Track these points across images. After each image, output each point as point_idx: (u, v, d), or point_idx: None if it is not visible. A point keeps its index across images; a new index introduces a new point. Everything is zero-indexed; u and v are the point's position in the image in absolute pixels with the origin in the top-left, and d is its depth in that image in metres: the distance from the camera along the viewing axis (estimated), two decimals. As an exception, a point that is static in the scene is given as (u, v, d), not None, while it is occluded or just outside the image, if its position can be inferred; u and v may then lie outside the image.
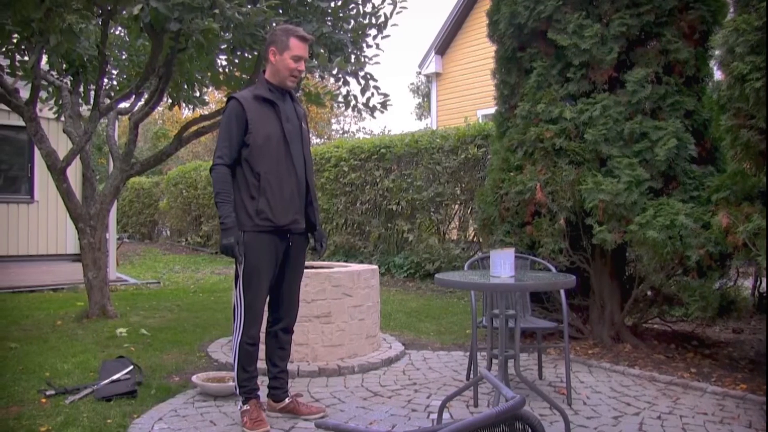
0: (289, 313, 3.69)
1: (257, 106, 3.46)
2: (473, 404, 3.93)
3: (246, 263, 3.43)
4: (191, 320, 6.61)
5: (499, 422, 1.42)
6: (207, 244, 16.16)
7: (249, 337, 3.48)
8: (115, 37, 7.58)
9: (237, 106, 3.44)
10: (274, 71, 3.52)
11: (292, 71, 3.51)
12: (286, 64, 3.48)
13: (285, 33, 3.50)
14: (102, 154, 15.76)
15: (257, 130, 3.42)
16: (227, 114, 3.47)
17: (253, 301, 3.47)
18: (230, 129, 3.42)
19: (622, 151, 4.95)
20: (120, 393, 3.98)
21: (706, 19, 5.03)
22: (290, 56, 3.47)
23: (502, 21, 5.58)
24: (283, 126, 3.49)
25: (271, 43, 3.52)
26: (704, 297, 4.71)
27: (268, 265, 3.48)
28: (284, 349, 3.70)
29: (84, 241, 6.60)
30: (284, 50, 3.47)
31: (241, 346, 3.48)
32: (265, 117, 3.46)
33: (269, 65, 3.54)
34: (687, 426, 3.59)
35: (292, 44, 3.47)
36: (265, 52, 3.55)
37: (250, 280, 3.45)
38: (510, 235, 5.50)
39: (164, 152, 7.17)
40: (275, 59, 3.50)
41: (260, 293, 3.49)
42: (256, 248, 3.43)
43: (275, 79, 3.54)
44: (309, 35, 3.60)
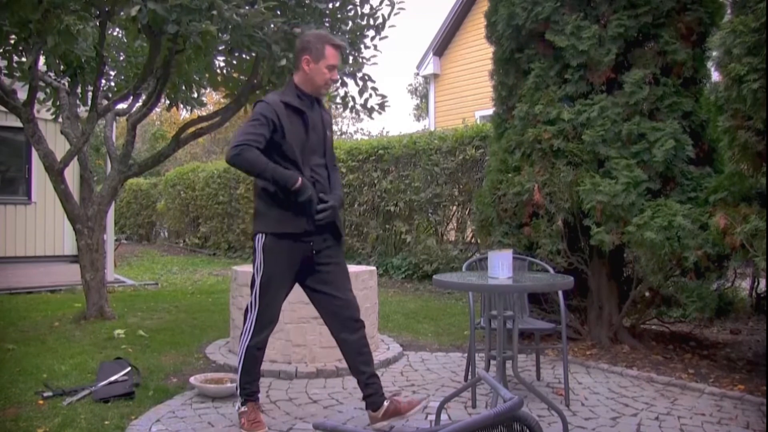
0: (351, 307, 3.50)
1: (286, 112, 3.34)
2: (471, 405, 3.93)
3: (264, 268, 3.35)
4: (189, 321, 6.61)
5: (497, 423, 1.42)
6: (205, 245, 16.15)
7: (258, 342, 3.42)
8: (113, 38, 7.58)
9: (268, 109, 3.31)
10: (307, 79, 3.40)
11: (327, 81, 3.42)
12: (322, 74, 3.38)
13: (320, 40, 3.37)
14: (100, 156, 15.74)
15: (287, 135, 3.31)
16: (258, 113, 3.30)
17: (268, 308, 3.40)
18: (261, 124, 3.26)
19: (620, 152, 4.95)
20: (118, 394, 3.98)
21: (704, 20, 5.04)
22: (326, 65, 3.36)
23: (500, 22, 5.59)
24: (308, 135, 3.40)
25: (304, 50, 3.38)
26: (702, 298, 4.71)
27: (287, 271, 3.40)
28: (363, 353, 3.51)
29: (82, 243, 6.59)
30: (320, 59, 3.35)
31: (249, 349, 3.43)
32: (292, 124, 3.35)
33: (301, 72, 3.41)
34: (685, 427, 3.59)
35: (328, 53, 3.36)
36: (297, 59, 3.43)
37: (269, 285, 3.38)
38: (508, 236, 5.50)
39: (162, 153, 7.16)
40: (309, 68, 3.37)
41: (276, 299, 3.42)
42: (276, 253, 3.35)
43: (307, 87, 3.42)
44: (342, 42, 3.51)
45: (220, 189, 15.18)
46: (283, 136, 3.30)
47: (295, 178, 3.23)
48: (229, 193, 14.87)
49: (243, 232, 14.47)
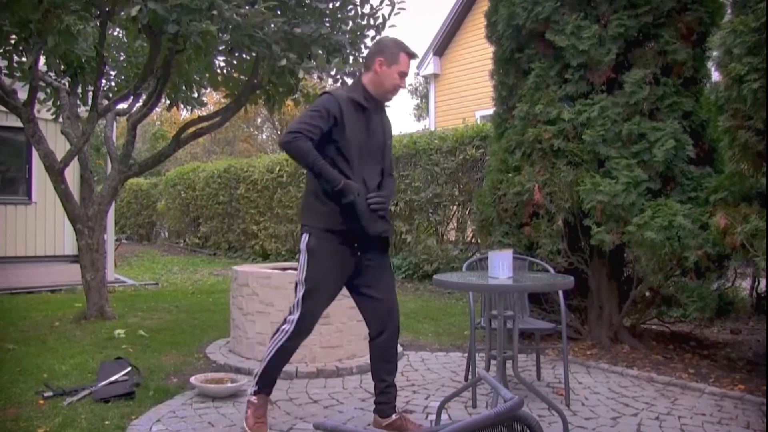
0: (391, 317, 3.44)
1: (351, 109, 3.30)
2: (472, 405, 3.93)
3: (309, 269, 3.29)
4: (189, 321, 6.61)
5: (497, 423, 1.42)
6: (205, 245, 16.15)
7: (293, 344, 3.35)
8: (113, 38, 7.58)
9: (332, 103, 3.26)
10: (377, 81, 3.37)
11: (396, 87, 3.39)
12: (393, 79, 3.35)
13: (396, 46, 3.36)
14: (100, 156, 15.74)
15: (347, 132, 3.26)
16: (321, 105, 3.26)
17: (310, 312, 3.32)
18: (320, 117, 3.21)
19: (620, 152, 4.95)
20: (118, 394, 3.98)
21: (704, 20, 5.04)
22: (398, 71, 3.35)
23: (501, 22, 5.59)
24: (369, 137, 3.35)
25: (379, 52, 3.36)
26: (702, 298, 4.71)
27: (333, 273, 3.33)
28: (390, 362, 3.47)
29: (82, 243, 6.59)
30: (393, 64, 3.33)
31: (283, 349, 3.35)
32: (354, 123, 3.30)
33: (371, 73, 3.38)
34: (685, 427, 3.59)
35: (402, 59, 3.35)
36: (370, 59, 3.39)
37: (312, 288, 3.30)
38: (508, 236, 5.50)
39: (162, 153, 7.16)
40: (381, 70, 3.34)
41: (320, 305, 3.35)
42: (322, 252, 3.28)
43: (374, 89, 3.39)
44: (416, 53, 3.47)
45: (220, 189, 15.17)
46: (343, 132, 3.25)
47: (339, 179, 3.17)
48: (230, 193, 14.87)
49: (243, 232, 14.48)
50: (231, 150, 28.60)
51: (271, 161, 13.83)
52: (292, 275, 4.79)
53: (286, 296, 4.72)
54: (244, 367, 4.65)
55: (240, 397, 4.06)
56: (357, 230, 3.28)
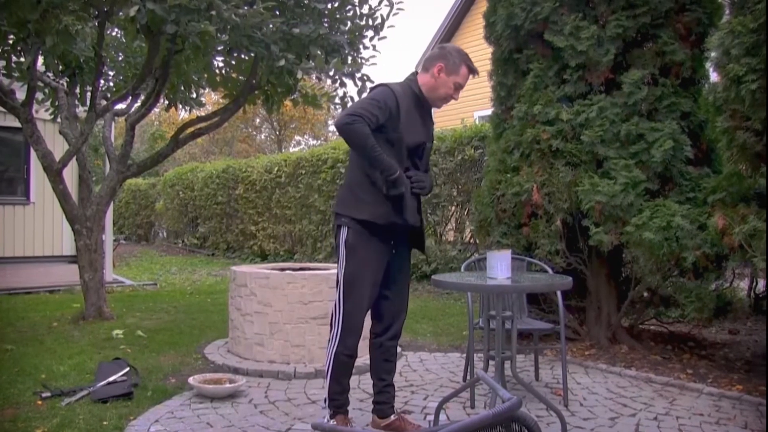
0: (398, 317, 3.44)
1: (407, 103, 3.26)
2: (470, 406, 3.93)
3: (348, 265, 3.22)
4: (188, 322, 6.60)
5: (495, 424, 1.42)
6: (204, 245, 16.14)
7: (346, 347, 3.25)
8: (112, 38, 7.57)
9: (390, 96, 3.20)
10: (431, 86, 3.33)
11: (448, 97, 3.36)
12: (447, 88, 3.32)
13: (459, 56, 3.32)
14: (98, 156, 15.72)
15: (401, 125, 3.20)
16: (380, 96, 3.20)
17: (354, 310, 3.24)
18: (378, 107, 3.14)
19: (618, 152, 4.95)
20: (116, 395, 3.97)
21: (702, 20, 5.04)
22: (454, 82, 3.31)
23: (499, 22, 5.59)
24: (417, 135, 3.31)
25: (441, 57, 3.31)
26: (700, 298, 4.72)
27: (374, 269, 3.26)
28: (390, 361, 3.46)
29: (80, 243, 6.59)
30: (452, 73, 3.30)
31: (337, 356, 3.25)
32: (408, 117, 3.25)
33: (429, 77, 3.33)
34: (683, 427, 3.60)
35: (462, 72, 3.31)
36: (430, 62, 3.34)
37: (352, 284, 3.23)
38: (507, 237, 5.50)
39: (161, 154, 7.16)
40: (439, 76, 3.30)
41: (362, 301, 3.26)
42: (361, 247, 3.22)
43: (427, 92, 3.35)
44: (477, 69, 3.42)
45: (218, 189, 15.17)
46: (397, 125, 3.20)
47: (395, 168, 3.10)
48: (228, 193, 14.86)
49: (242, 233, 14.48)
50: (229, 150, 28.62)
51: (269, 162, 13.83)
52: (290, 276, 4.81)
53: (285, 297, 4.74)
54: (242, 368, 4.65)
55: (238, 398, 4.06)
56: (399, 224, 3.25)
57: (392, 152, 3.18)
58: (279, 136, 29.52)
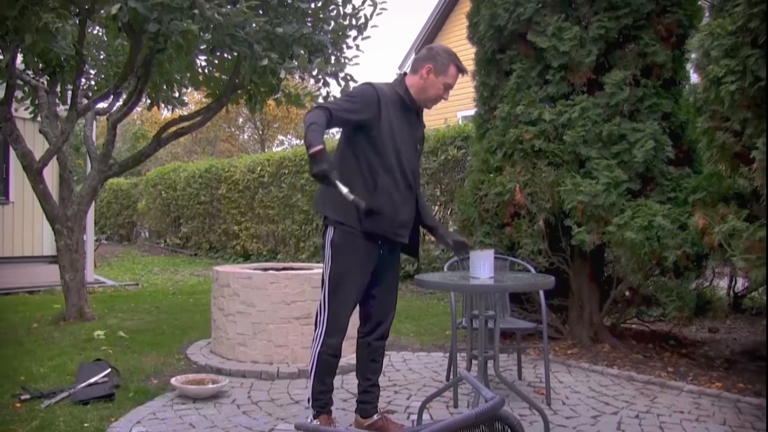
0: (387, 317, 3.42)
1: (390, 102, 3.21)
2: (453, 405, 3.94)
3: (334, 265, 3.18)
4: (170, 322, 6.56)
5: (478, 423, 1.42)
6: (186, 245, 16.05)
7: (330, 347, 3.21)
8: (93, 36, 7.50)
9: (372, 93, 3.16)
10: (420, 87, 3.29)
11: (438, 98, 3.32)
12: (437, 89, 3.28)
13: (448, 57, 3.28)
14: (80, 155, 15.59)
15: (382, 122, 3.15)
16: (357, 93, 3.20)
17: (339, 309, 3.20)
18: (352, 103, 3.13)
19: (600, 152, 4.99)
20: (97, 396, 3.94)
21: (683, 22, 5.09)
22: (444, 82, 3.27)
23: (482, 23, 5.60)
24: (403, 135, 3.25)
25: (430, 59, 3.27)
26: (681, 297, 4.77)
27: (360, 268, 3.21)
28: (377, 361, 3.44)
29: (61, 243, 6.52)
30: (440, 74, 3.26)
31: (321, 356, 3.21)
32: (391, 116, 3.20)
33: (417, 78, 3.29)
34: (664, 424, 3.63)
35: (451, 72, 3.27)
36: (418, 63, 3.31)
37: (338, 284, 3.19)
38: (489, 236, 5.52)
39: (143, 153, 7.11)
40: (427, 77, 3.26)
41: (348, 301, 3.22)
42: (347, 246, 3.16)
43: (416, 94, 3.31)
44: (465, 68, 3.38)
45: (201, 189, 15.09)
46: (378, 123, 3.15)
47: (318, 142, 2.86)
48: (211, 193, 14.79)
49: (224, 233, 14.41)
50: (212, 150, 28.45)
51: (252, 161, 13.78)
52: (273, 276, 4.79)
53: (268, 297, 4.72)
54: (225, 368, 4.62)
55: (221, 398, 4.04)
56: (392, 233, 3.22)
57: (376, 152, 3.16)
58: (262, 135, 29.40)
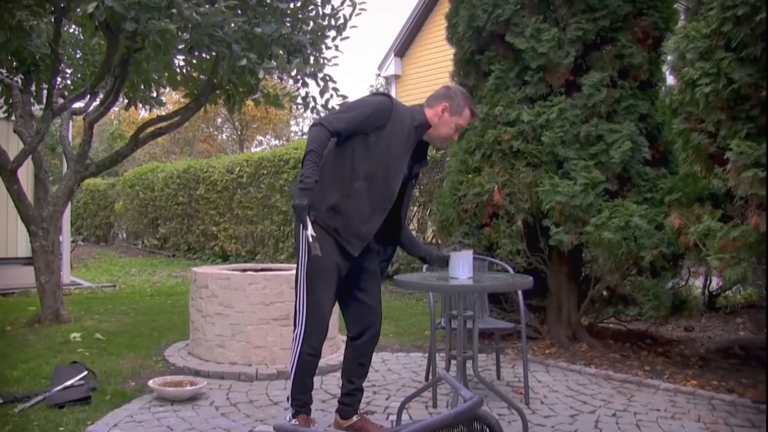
0: (375, 322, 3.44)
1: (401, 121, 3.21)
2: (432, 405, 3.95)
3: (310, 260, 3.11)
4: (148, 324, 6.50)
5: (457, 423, 1.43)
6: (164, 246, 15.92)
7: (311, 347, 3.18)
8: (69, 35, 7.42)
9: (388, 106, 3.18)
10: (435, 125, 3.32)
11: (448, 137, 3.39)
12: (449, 129, 3.33)
13: (464, 99, 3.34)
14: (55, 155, 15.39)
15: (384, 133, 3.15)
16: (369, 100, 3.23)
17: (317, 306, 3.17)
18: (361, 112, 3.14)
19: (578, 153, 5.02)
20: (73, 399, 3.89)
21: (659, 25, 5.15)
22: (456, 123, 3.32)
23: (461, 24, 5.62)
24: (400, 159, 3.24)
25: (447, 98, 3.33)
26: (657, 296, 4.82)
27: (334, 267, 3.19)
28: (364, 365, 3.45)
29: (36, 244, 6.44)
30: (455, 114, 3.31)
31: (301, 356, 3.17)
32: (398, 134, 3.19)
33: (432, 113, 3.32)
34: (641, 422, 3.66)
35: (465, 114, 3.33)
36: (435, 101, 3.34)
37: (315, 279, 3.15)
38: (468, 237, 5.54)
39: (120, 153, 7.04)
40: (443, 116, 3.31)
41: (327, 297, 3.20)
42: (324, 242, 3.09)
43: (431, 131, 3.35)
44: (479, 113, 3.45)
45: (179, 189, 14.97)
46: (378, 135, 3.14)
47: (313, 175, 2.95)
48: (189, 193, 14.68)
49: (203, 233, 14.31)
50: (190, 150, 28.25)
51: (231, 162, 13.70)
52: (252, 276, 4.77)
53: (246, 298, 4.70)
54: (203, 370, 4.59)
55: (199, 400, 4.01)
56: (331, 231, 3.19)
57: (364, 157, 3.14)
58: (241, 136, 29.27)
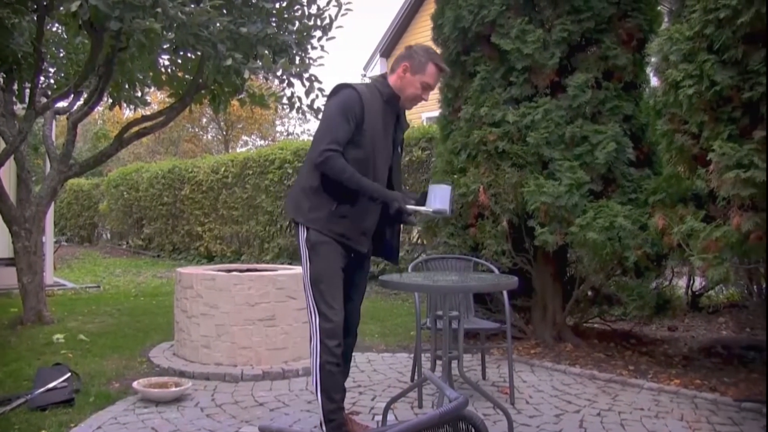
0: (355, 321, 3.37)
1: (371, 101, 3.10)
2: (418, 405, 3.95)
3: (313, 263, 3.06)
4: (132, 325, 6.46)
5: (443, 423, 1.43)
6: (149, 247, 15.82)
7: (332, 354, 3.02)
8: (53, 33, 7.35)
9: (357, 99, 3.06)
10: (398, 87, 3.20)
11: (416, 97, 3.22)
12: (415, 88, 3.18)
13: (426, 55, 3.19)
14: (38, 155, 15.24)
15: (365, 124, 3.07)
16: (342, 102, 3.07)
17: (330, 310, 3.04)
18: (344, 117, 3.02)
19: (563, 154, 5.05)
20: (56, 402, 3.85)
21: (643, 27, 5.19)
22: (421, 81, 3.17)
23: (447, 25, 5.63)
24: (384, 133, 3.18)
25: (407, 57, 3.19)
26: (642, 296, 4.86)
27: (338, 266, 3.10)
28: (346, 365, 3.36)
29: (18, 245, 6.38)
30: (417, 72, 3.15)
31: (323, 368, 3.02)
32: (373, 115, 3.11)
33: (395, 77, 3.20)
34: (625, 422, 3.69)
35: (429, 71, 3.17)
36: (396, 62, 3.22)
37: (322, 281, 3.06)
38: (453, 237, 5.54)
39: (104, 153, 6.99)
40: (404, 76, 3.17)
41: (337, 297, 3.08)
42: (324, 249, 3.06)
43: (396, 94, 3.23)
44: (447, 68, 3.29)
45: (164, 190, 14.89)
46: (360, 131, 3.06)
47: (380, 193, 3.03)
48: (174, 193, 14.61)
49: (188, 234, 14.24)
50: (175, 150, 28.08)
51: (216, 162, 13.65)
52: (237, 277, 4.75)
53: (231, 298, 4.68)
54: (188, 371, 4.57)
55: (184, 402, 3.99)
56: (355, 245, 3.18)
57: (359, 155, 3.07)
58: (226, 136, 29.13)
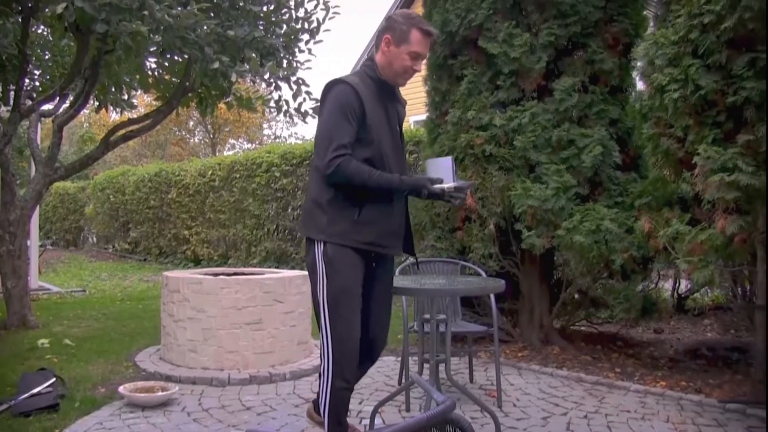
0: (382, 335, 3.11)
1: (366, 90, 2.83)
2: (405, 409, 3.95)
3: (331, 281, 2.78)
4: (118, 329, 6.42)
5: (430, 426, 1.43)
6: (135, 250, 15.74)
7: (343, 380, 2.81)
8: (38, 35, 7.31)
9: (352, 93, 2.78)
10: (384, 63, 2.89)
11: (407, 70, 2.89)
12: (402, 60, 2.86)
13: (407, 21, 2.86)
14: (23, 158, 15.14)
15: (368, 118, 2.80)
16: (337, 100, 2.79)
17: (346, 332, 2.79)
18: (344, 116, 2.75)
19: (550, 157, 5.07)
20: (41, 407, 3.81)
21: (629, 31, 5.22)
22: (408, 51, 2.84)
23: (434, 28, 5.64)
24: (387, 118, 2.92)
25: (387, 29, 2.88)
26: (628, 299, 4.88)
27: (355, 282, 2.83)
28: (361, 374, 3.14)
29: (3, 249, 6.32)
30: (402, 42, 2.84)
31: (335, 393, 2.81)
32: (373, 105, 2.84)
33: (380, 54, 2.91)
34: (612, 424, 3.70)
35: (413, 38, 2.84)
36: (379, 37, 2.92)
37: (338, 304, 2.79)
38: (441, 241, 5.55)
39: (90, 156, 6.95)
40: (388, 50, 2.87)
41: (354, 319, 2.81)
42: (341, 259, 2.79)
43: (384, 71, 2.90)
44: (435, 30, 2.96)
45: (151, 193, 14.82)
46: (363, 125, 2.79)
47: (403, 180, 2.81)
48: (161, 197, 14.54)
49: (174, 237, 14.18)
50: (162, 153, 27.95)
51: (203, 165, 13.61)
52: (224, 281, 4.73)
53: (218, 302, 4.66)
54: (174, 375, 4.54)
55: (171, 406, 3.97)
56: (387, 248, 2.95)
57: (369, 153, 2.82)
58: (213, 139, 29.02)
